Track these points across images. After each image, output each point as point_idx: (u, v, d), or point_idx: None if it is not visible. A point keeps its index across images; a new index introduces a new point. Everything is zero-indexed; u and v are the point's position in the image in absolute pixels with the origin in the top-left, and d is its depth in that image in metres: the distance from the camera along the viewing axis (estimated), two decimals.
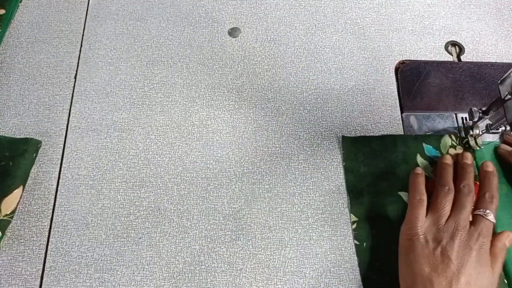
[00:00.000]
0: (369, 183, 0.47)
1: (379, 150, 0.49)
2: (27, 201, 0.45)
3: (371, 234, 0.45)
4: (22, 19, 0.56)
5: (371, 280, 0.43)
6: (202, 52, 0.55)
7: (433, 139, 0.49)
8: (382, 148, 0.49)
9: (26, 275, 0.42)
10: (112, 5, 0.57)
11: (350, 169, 0.48)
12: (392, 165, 0.48)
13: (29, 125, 0.49)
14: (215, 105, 0.51)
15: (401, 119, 0.52)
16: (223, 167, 0.48)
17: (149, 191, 0.46)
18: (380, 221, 0.45)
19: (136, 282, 0.42)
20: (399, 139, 0.49)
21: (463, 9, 0.59)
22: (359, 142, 0.49)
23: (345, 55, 0.55)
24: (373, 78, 0.54)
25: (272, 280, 0.43)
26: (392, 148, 0.49)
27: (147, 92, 0.52)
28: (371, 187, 0.47)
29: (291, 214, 0.46)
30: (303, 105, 0.52)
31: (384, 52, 0.55)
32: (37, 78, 0.52)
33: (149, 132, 0.50)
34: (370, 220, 0.45)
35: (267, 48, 0.55)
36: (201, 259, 0.44)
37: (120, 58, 0.54)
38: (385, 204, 0.46)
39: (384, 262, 0.43)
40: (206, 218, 0.45)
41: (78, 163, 0.48)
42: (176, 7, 0.58)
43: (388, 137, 0.50)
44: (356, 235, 0.45)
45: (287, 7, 0.58)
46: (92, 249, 0.44)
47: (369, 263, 0.44)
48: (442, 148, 0.49)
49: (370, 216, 0.46)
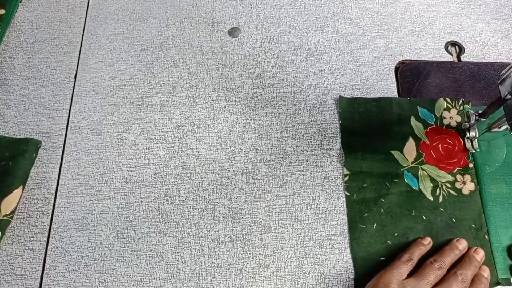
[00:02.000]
0: (363, 141, 0.49)
1: (375, 111, 0.51)
2: (27, 201, 0.45)
3: (362, 187, 0.47)
4: (22, 19, 0.56)
5: (359, 230, 0.45)
6: (202, 52, 0.55)
7: (428, 103, 0.51)
8: (378, 110, 0.51)
9: (26, 275, 0.42)
10: (112, 5, 0.57)
11: (346, 127, 0.50)
12: (386, 126, 0.50)
13: (29, 125, 0.49)
14: (215, 105, 0.51)
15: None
16: (223, 167, 0.48)
17: (149, 191, 0.46)
18: (370, 176, 0.47)
19: (136, 282, 0.42)
20: (394, 102, 0.51)
21: (463, 9, 0.59)
22: (355, 103, 0.51)
23: (345, 55, 0.55)
24: (373, 78, 0.54)
25: (272, 280, 0.43)
26: (387, 110, 0.51)
27: (147, 92, 0.52)
28: (365, 145, 0.49)
29: (291, 214, 0.46)
30: (303, 105, 0.52)
31: (384, 52, 0.55)
32: (37, 78, 0.52)
33: (149, 132, 0.50)
34: (361, 174, 0.48)
35: (267, 48, 0.55)
36: (201, 259, 0.44)
37: (120, 58, 0.54)
38: (377, 160, 0.48)
39: (372, 212, 0.46)
40: (206, 218, 0.45)
41: (78, 163, 0.48)
42: (176, 7, 0.58)
43: (384, 99, 0.51)
44: (347, 187, 0.47)
45: (287, 7, 0.58)
46: (92, 249, 0.44)
47: (358, 213, 0.46)
48: (437, 111, 0.50)
49: (362, 171, 0.48)
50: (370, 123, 0.50)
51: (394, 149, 0.48)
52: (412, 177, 0.47)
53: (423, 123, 0.50)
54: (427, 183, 0.47)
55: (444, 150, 0.49)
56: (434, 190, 0.47)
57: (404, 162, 0.48)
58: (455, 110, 0.50)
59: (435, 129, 0.50)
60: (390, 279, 0.38)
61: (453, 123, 0.50)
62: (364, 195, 0.46)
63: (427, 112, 0.50)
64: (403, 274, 0.39)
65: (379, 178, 0.47)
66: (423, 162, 0.48)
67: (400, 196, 0.46)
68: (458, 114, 0.50)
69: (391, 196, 0.47)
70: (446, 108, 0.50)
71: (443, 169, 0.48)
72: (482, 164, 0.47)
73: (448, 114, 0.50)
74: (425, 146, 0.49)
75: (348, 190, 0.47)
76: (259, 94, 0.52)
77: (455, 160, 0.48)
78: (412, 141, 0.49)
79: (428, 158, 0.48)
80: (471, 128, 0.48)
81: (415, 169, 0.48)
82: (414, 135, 0.49)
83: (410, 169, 0.48)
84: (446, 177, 0.47)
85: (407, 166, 0.48)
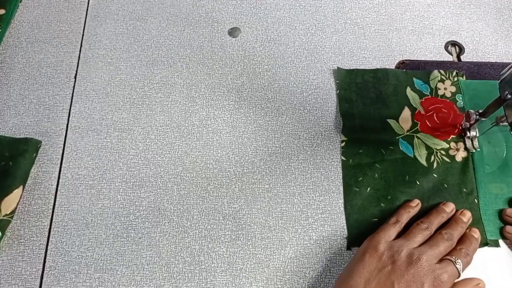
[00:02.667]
0: (360, 109, 0.51)
1: (372, 82, 0.52)
2: (27, 201, 0.45)
3: (358, 153, 0.48)
4: (22, 19, 0.56)
5: (354, 192, 0.47)
6: (202, 52, 0.55)
7: (423, 74, 0.53)
8: (375, 81, 0.53)
9: (26, 275, 0.42)
10: (112, 5, 0.57)
11: (343, 96, 0.52)
12: (383, 96, 0.52)
13: (29, 125, 0.49)
14: (215, 105, 0.51)
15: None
16: (223, 167, 0.48)
17: (149, 191, 0.46)
18: (366, 142, 0.49)
19: (136, 282, 0.42)
20: (391, 73, 0.53)
21: (463, 9, 0.59)
22: (353, 74, 0.53)
23: (345, 55, 0.55)
24: None
25: (272, 280, 0.43)
26: (384, 81, 0.52)
27: (147, 92, 0.52)
28: (362, 113, 0.51)
29: (291, 214, 0.46)
30: (303, 105, 0.52)
31: (384, 52, 0.55)
32: (37, 78, 0.52)
33: (149, 132, 0.50)
34: (358, 141, 0.49)
35: (267, 48, 0.55)
36: (201, 259, 0.44)
37: (120, 58, 0.54)
38: (373, 128, 0.50)
39: (367, 176, 0.47)
40: (206, 218, 0.45)
41: (78, 163, 0.48)
42: (176, 7, 0.58)
43: (381, 70, 0.53)
44: (344, 152, 0.49)
45: (287, 7, 0.58)
46: (92, 249, 0.44)
47: (353, 177, 0.48)
48: (431, 83, 0.52)
49: (358, 138, 0.49)
50: (367, 93, 0.52)
51: (390, 118, 0.50)
52: (407, 145, 0.49)
53: (418, 94, 0.52)
54: (422, 150, 0.49)
55: (439, 119, 0.50)
56: (428, 157, 0.48)
57: (399, 130, 0.50)
58: (449, 82, 0.52)
59: (430, 99, 0.51)
60: (378, 240, 0.40)
61: (448, 93, 0.52)
62: (359, 160, 0.48)
63: (423, 83, 0.52)
64: (391, 236, 0.41)
65: (375, 145, 0.49)
66: (418, 130, 0.50)
67: (395, 162, 0.48)
68: (453, 85, 0.52)
69: (386, 162, 0.48)
70: (441, 80, 0.52)
71: (437, 137, 0.49)
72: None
73: (443, 85, 0.52)
74: (420, 115, 0.50)
75: (344, 155, 0.49)
76: (259, 94, 0.52)
77: (450, 129, 0.50)
78: (407, 110, 0.51)
79: (423, 127, 0.50)
80: (471, 127, 0.48)
81: (410, 137, 0.49)
82: (409, 105, 0.51)
83: (405, 137, 0.49)
84: (440, 145, 0.49)
85: (402, 134, 0.50)
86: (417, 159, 0.48)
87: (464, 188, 0.47)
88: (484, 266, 0.44)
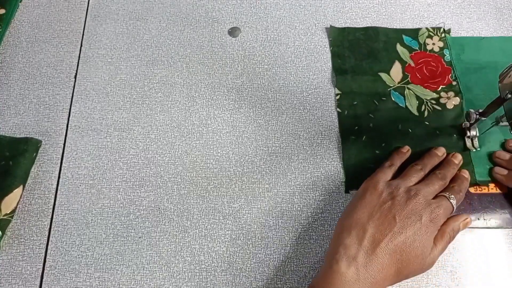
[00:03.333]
0: (352, 64, 0.54)
1: (363, 39, 0.55)
2: (27, 200, 0.45)
3: (352, 104, 0.51)
4: (22, 19, 0.56)
5: (350, 140, 0.49)
6: (202, 51, 0.55)
7: (412, 31, 0.56)
8: (366, 38, 0.55)
9: (26, 274, 0.42)
10: (112, 5, 0.57)
11: (336, 53, 0.55)
12: (374, 52, 0.54)
13: (29, 125, 0.49)
14: (215, 104, 0.51)
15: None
16: (223, 166, 0.48)
17: (149, 191, 0.46)
18: (360, 95, 0.52)
19: (136, 282, 0.42)
20: (381, 31, 0.56)
21: (463, 9, 0.59)
22: (345, 32, 0.56)
23: None
24: None
25: (272, 279, 0.43)
26: (375, 38, 0.55)
27: (147, 91, 0.52)
28: (354, 68, 0.53)
29: (291, 213, 0.46)
30: (303, 105, 0.52)
31: None
32: (37, 77, 0.52)
33: (149, 132, 0.50)
34: (351, 93, 0.52)
35: (267, 47, 0.55)
36: (201, 258, 0.44)
37: (120, 58, 0.54)
38: (366, 81, 0.52)
39: (361, 126, 0.50)
40: (206, 217, 0.45)
41: (78, 163, 0.48)
42: (176, 7, 0.58)
43: (371, 28, 0.56)
44: (339, 104, 0.51)
45: (287, 7, 0.58)
46: (92, 249, 0.44)
47: (349, 127, 0.50)
48: (420, 39, 0.55)
49: (352, 91, 0.52)
50: (358, 49, 0.55)
51: (381, 71, 0.53)
52: (399, 96, 0.51)
53: (408, 49, 0.54)
54: (413, 100, 0.51)
55: (428, 71, 0.53)
56: (420, 107, 0.51)
57: (391, 82, 0.52)
58: (437, 37, 0.55)
59: (419, 54, 0.54)
60: (377, 180, 0.42)
61: (436, 48, 0.55)
62: (354, 112, 0.51)
63: (411, 39, 0.55)
64: (388, 176, 0.43)
65: (368, 97, 0.51)
66: (409, 82, 0.52)
67: (388, 112, 0.51)
68: (440, 41, 0.55)
69: (379, 112, 0.51)
70: (429, 36, 0.55)
71: (427, 87, 0.52)
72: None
73: (431, 41, 0.55)
74: (410, 68, 0.53)
75: (339, 107, 0.51)
76: (259, 94, 0.52)
77: (439, 80, 0.52)
78: (398, 64, 0.53)
79: (413, 78, 0.53)
80: (471, 127, 0.48)
81: (401, 89, 0.52)
82: (400, 59, 0.54)
83: (397, 88, 0.52)
84: (430, 95, 0.52)
85: (393, 86, 0.52)
86: (409, 108, 0.51)
87: (454, 134, 0.49)
88: (485, 250, 0.44)
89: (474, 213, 0.46)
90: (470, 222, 0.43)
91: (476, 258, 0.44)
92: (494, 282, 0.43)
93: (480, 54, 0.54)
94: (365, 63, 0.53)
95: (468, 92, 0.52)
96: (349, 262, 0.36)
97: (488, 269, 0.43)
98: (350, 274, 0.36)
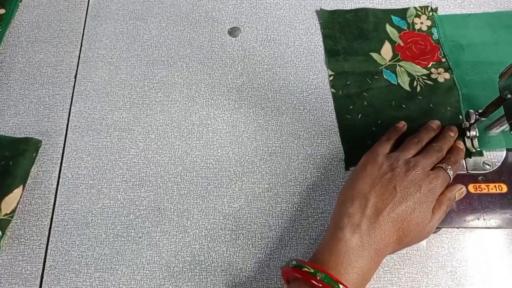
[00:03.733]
0: (343, 45, 0.55)
1: (353, 21, 0.57)
2: (27, 200, 0.45)
3: (346, 84, 0.52)
4: (22, 19, 0.56)
5: (346, 120, 0.51)
6: (202, 51, 0.55)
7: (400, 11, 0.58)
8: (356, 19, 0.57)
9: (26, 274, 0.42)
10: (112, 5, 0.57)
11: (327, 35, 0.56)
12: (364, 32, 0.56)
13: (29, 125, 0.49)
14: (215, 104, 0.51)
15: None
16: (223, 166, 0.48)
17: (149, 191, 0.46)
18: (352, 74, 0.53)
19: (136, 281, 0.42)
20: (370, 12, 0.57)
21: (463, 9, 0.59)
22: (335, 14, 0.57)
23: None
24: None
25: (272, 279, 0.43)
26: (364, 19, 0.57)
27: (147, 91, 0.52)
28: (346, 49, 0.55)
29: (291, 213, 0.46)
30: (303, 105, 0.52)
31: None
32: (37, 77, 0.52)
33: (149, 132, 0.50)
34: (344, 74, 0.53)
35: (267, 47, 0.55)
36: (201, 258, 0.44)
37: (120, 58, 0.54)
38: (357, 61, 0.54)
39: (356, 105, 0.51)
40: (206, 217, 0.45)
41: (78, 163, 0.48)
42: (176, 7, 0.58)
43: (360, 10, 0.57)
44: (333, 85, 0.53)
45: (287, 7, 0.58)
46: (92, 249, 0.44)
47: (344, 106, 0.51)
48: (408, 19, 0.57)
49: (345, 71, 0.53)
50: (349, 30, 0.56)
51: (372, 51, 0.54)
52: (390, 73, 0.53)
53: (396, 29, 0.56)
54: (404, 77, 0.52)
55: (418, 49, 0.54)
56: (411, 83, 0.52)
57: (382, 61, 0.54)
58: (425, 16, 0.57)
59: (408, 33, 0.56)
60: (377, 153, 0.43)
61: (424, 27, 0.56)
62: (348, 91, 0.52)
63: (400, 19, 0.57)
64: (387, 149, 0.44)
65: (361, 76, 0.53)
66: (400, 59, 0.54)
67: (381, 90, 0.52)
68: (428, 19, 0.56)
69: (372, 90, 0.52)
70: (416, 15, 0.57)
71: (418, 64, 0.53)
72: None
73: (419, 20, 0.57)
74: (400, 47, 0.55)
75: (333, 87, 0.52)
76: (259, 94, 0.52)
77: (429, 57, 0.54)
78: (388, 43, 0.55)
79: (403, 56, 0.54)
80: (471, 127, 0.48)
81: (393, 66, 0.53)
82: (389, 39, 0.55)
83: (388, 66, 0.53)
84: (421, 71, 0.53)
85: (385, 64, 0.53)
86: (401, 85, 0.52)
87: (448, 106, 0.50)
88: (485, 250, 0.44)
89: (474, 213, 0.46)
90: (465, 191, 0.44)
91: (476, 258, 0.44)
92: (494, 282, 0.43)
93: (467, 30, 0.56)
94: (356, 44, 0.55)
95: (457, 67, 0.53)
96: (353, 230, 0.37)
97: (488, 269, 0.43)
98: (354, 241, 0.37)
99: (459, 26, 0.56)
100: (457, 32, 0.55)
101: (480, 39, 0.55)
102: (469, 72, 0.53)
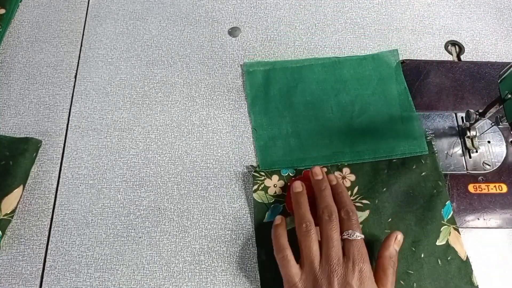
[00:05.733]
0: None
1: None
2: (27, 200, 0.45)
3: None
4: (22, 19, 0.56)
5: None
6: (202, 51, 0.55)
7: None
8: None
9: (26, 274, 0.42)
10: (112, 5, 0.57)
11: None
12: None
13: (29, 125, 0.49)
14: (215, 104, 0.51)
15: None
16: (223, 166, 0.48)
17: (149, 191, 0.46)
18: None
19: (136, 281, 0.42)
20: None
21: (463, 9, 0.59)
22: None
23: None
24: None
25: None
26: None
27: (147, 91, 0.52)
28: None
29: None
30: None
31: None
32: (37, 77, 0.52)
33: (149, 132, 0.50)
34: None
35: (267, 47, 0.55)
36: (201, 258, 0.44)
37: (120, 58, 0.54)
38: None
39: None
40: (206, 217, 0.45)
41: (78, 163, 0.48)
42: (176, 7, 0.58)
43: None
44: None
45: (287, 7, 0.58)
46: (92, 249, 0.44)
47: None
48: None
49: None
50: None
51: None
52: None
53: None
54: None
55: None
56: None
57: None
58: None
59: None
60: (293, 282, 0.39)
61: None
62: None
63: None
64: (295, 271, 0.39)
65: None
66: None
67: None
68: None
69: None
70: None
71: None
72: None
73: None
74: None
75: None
76: None
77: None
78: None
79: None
80: (471, 127, 0.48)
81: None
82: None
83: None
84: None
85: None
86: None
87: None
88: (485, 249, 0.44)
89: (474, 213, 0.46)
90: (402, 236, 0.41)
91: (476, 258, 0.44)
92: (494, 282, 0.43)
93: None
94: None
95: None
96: None
97: (488, 269, 0.43)
98: None
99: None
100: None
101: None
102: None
